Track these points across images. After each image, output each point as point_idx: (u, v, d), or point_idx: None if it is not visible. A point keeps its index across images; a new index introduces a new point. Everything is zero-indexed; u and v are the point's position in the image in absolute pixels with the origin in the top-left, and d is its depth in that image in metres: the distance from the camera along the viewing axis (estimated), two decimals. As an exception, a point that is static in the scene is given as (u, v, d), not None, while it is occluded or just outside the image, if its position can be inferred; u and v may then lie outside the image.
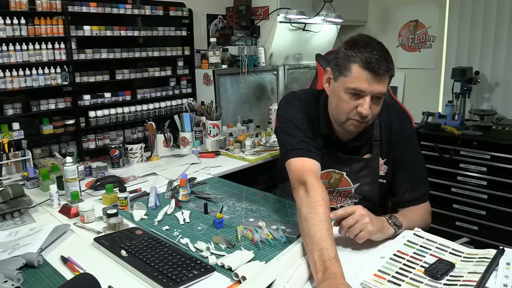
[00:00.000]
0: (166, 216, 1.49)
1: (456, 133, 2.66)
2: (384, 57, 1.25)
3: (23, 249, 1.21)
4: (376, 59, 1.23)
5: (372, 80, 1.24)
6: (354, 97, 1.28)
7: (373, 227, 1.17)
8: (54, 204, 1.60)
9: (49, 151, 2.17)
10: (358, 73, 1.25)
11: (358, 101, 1.28)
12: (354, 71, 1.25)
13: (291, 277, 1.03)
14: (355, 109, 1.29)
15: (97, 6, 2.18)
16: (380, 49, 1.26)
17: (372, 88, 1.25)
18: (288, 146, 1.37)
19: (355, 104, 1.29)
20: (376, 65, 1.23)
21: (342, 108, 1.32)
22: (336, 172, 1.50)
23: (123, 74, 2.36)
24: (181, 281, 1.04)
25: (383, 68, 1.24)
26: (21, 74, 1.98)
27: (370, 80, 1.24)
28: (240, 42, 2.80)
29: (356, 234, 1.16)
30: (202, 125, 2.46)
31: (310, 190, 1.19)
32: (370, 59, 1.23)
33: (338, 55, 1.32)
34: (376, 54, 1.23)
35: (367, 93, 1.26)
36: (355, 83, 1.26)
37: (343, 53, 1.30)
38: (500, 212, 2.52)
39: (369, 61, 1.23)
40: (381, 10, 3.64)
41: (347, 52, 1.28)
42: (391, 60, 1.28)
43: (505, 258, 1.09)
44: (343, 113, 1.33)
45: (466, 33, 3.14)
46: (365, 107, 1.27)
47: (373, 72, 1.23)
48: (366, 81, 1.24)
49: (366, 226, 1.16)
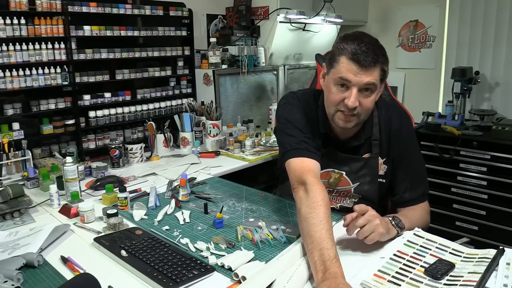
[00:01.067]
0: (166, 216, 1.49)
1: (456, 133, 2.66)
2: (372, 49, 1.27)
3: (23, 249, 1.21)
4: (363, 51, 1.26)
5: (358, 70, 1.27)
6: (341, 88, 1.31)
7: (383, 229, 1.17)
8: (54, 204, 1.60)
9: (49, 151, 2.17)
10: (345, 63, 1.28)
11: (345, 93, 1.31)
12: (341, 61, 1.29)
13: (291, 277, 1.03)
14: (343, 101, 1.31)
15: (97, 6, 2.18)
16: (370, 42, 1.28)
17: (359, 78, 1.27)
18: (287, 146, 1.38)
19: (343, 96, 1.31)
20: (362, 56, 1.25)
21: (331, 100, 1.35)
22: (335, 171, 1.50)
23: (123, 74, 2.36)
24: (181, 281, 1.04)
25: (369, 60, 1.26)
26: (21, 74, 1.98)
27: (356, 71, 1.27)
28: (240, 42, 2.80)
29: (366, 236, 1.16)
30: (202, 125, 2.46)
31: (310, 190, 1.20)
32: (357, 51, 1.26)
33: (331, 51, 1.36)
34: (363, 47, 1.26)
35: (353, 83, 1.28)
36: (342, 73, 1.29)
37: (334, 47, 1.34)
38: (500, 212, 2.52)
39: (355, 53, 1.26)
40: (381, 10, 3.64)
41: (337, 46, 1.32)
42: (382, 54, 1.29)
43: (505, 258, 1.09)
44: (332, 105, 1.36)
45: (466, 33, 3.14)
46: (352, 100, 1.28)
47: (358, 63, 1.26)
48: (352, 71, 1.27)
49: (378, 228, 1.16)
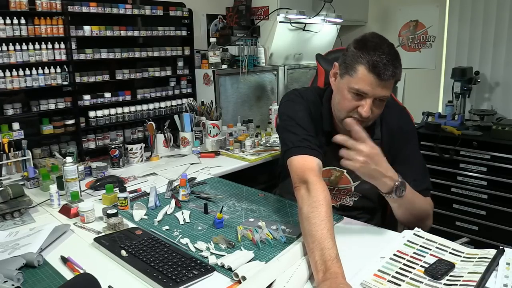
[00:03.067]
0: (166, 216, 1.49)
1: (456, 133, 2.66)
2: (392, 62, 1.24)
3: (23, 249, 1.21)
4: (383, 64, 1.22)
5: (377, 84, 1.24)
6: (356, 97, 1.29)
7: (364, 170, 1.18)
8: (54, 204, 1.60)
9: (49, 151, 2.17)
10: (363, 75, 1.25)
11: (360, 102, 1.29)
12: (360, 72, 1.25)
13: (291, 277, 1.03)
14: (356, 108, 1.30)
15: (97, 6, 2.18)
16: (389, 53, 1.25)
17: (375, 91, 1.25)
18: (289, 143, 1.37)
19: (357, 104, 1.29)
20: (382, 69, 1.22)
21: (344, 106, 1.33)
22: (336, 169, 1.50)
23: (123, 74, 2.36)
24: (181, 281, 1.04)
25: (389, 74, 1.23)
26: (21, 74, 1.98)
27: (374, 84, 1.24)
28: (240, 42, 2.80)
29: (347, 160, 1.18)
30: (202, 125, 2.46)
31: (311, 189, 1.19)
32: (377, 64, 1.22)
33: (347, 52, 1.32)
34: (384, 59, 1.23)
35: (369, 95, 1.26)
36: (359, 85, 1.26)
37: (352, 51, 1.29)
38: (500, 212, 2.52)
39: (375, 65, 1.22)
40: (381, 10, 3.64)
41: (356, 52, 1.27)
42: (399, 65, 1.27)
43: (505, 258, 1.09)
44: (343, 110, 1.34)
45: (466, 33, 3.14)
46: (366, 109, 1.27)
47: (378, 77, 1.23)
48: (370, 84, 1.24)
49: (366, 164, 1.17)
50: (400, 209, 1.32)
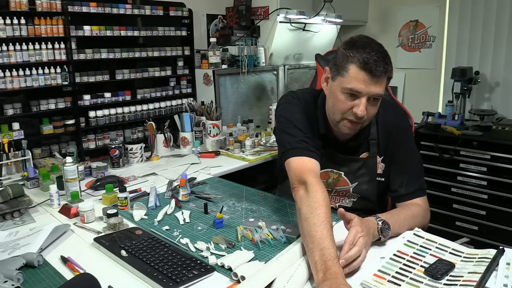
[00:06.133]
0: (166, 216, 1.49)
1: (456, 133, 2.66)
2: (382, 58, 1.25)
3: (23, 249, 1.21)
4: (374, 60, 1.23)
5: (369, 81, 1.24)
6: (350, 97, 1.29)
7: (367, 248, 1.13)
8: (54, 204, 1.60)
9: (49, 151, 2.17)
10: (355, 73, 1.25)
11: (354, 101, 1.29)
12: (351, 71, 1.26)
13: (291, 277, 1.03)
14: (351, 109, 1.30)
15: (97, 6, 2.18)
16: (379, 51, 1.26)
17: (369, 89, 1.25)
18: (287, 145, 1.37)
19: (351, 105, 1.29)
20: (373, 66, 1.23)
21: (338, 108, 1.33)
22: (334, 172, 1.50)
23: (123, 74, 2.36)
24: (181, 281, 1.04)
25: (380, 70, 1.24)
26: (21, 74, 1.98)
27: (367, 81, 1.24)
28: (240, 42, 2.80)
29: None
30: (202, 125, 2.46)
31: (310, 190, 1.19)
32: (368, 60, 1.23)
33: (337, 55, 1.33)
34: (374, 55, 1.23)
35: (363, 94, 1.26)
36: (352, 84, 1.26)
37: (341, 53, 1.30)
38: (500, 212, 2.52)
39: (366, 62, 1.23)
40: (381, 10, 3.64)
41: (345, 52, 1.28)
42: (390, 62, 1.28)
43: (505, 258, 1.09)
44: (338, 112, 1.34)
45: (466, 33, 3.14)
46: (361, 108, 1.27)
47: (370, 73, 1.23)
48: (363, 82, 1.25)
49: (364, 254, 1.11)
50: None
